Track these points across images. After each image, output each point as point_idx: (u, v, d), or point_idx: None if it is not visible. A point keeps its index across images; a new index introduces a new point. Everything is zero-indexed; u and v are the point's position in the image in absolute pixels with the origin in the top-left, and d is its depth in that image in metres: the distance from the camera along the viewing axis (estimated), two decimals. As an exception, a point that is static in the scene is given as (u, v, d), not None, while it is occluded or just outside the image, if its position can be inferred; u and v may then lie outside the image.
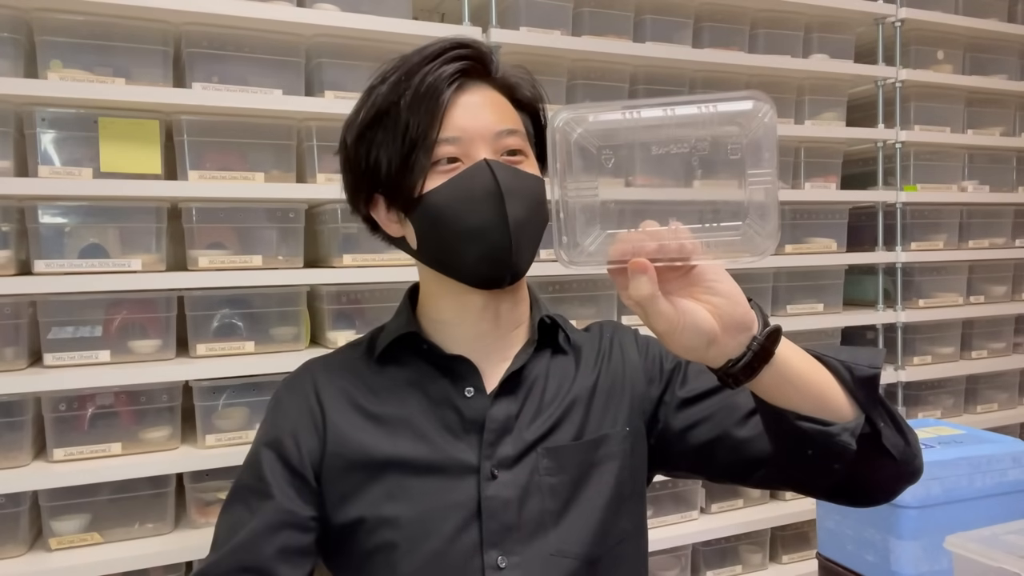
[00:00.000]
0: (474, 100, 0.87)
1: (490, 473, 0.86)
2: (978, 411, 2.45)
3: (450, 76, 0.86)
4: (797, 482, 0.87)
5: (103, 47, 1.52)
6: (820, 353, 0.78)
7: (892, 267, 2.30)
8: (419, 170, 0.84)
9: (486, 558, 0.84)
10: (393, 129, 0.85)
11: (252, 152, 1.64)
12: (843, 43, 2.28)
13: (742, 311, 0.67)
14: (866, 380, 0.77)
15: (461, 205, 0.84)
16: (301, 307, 1.67)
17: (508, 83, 0.92)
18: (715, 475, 0.97)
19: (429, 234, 0.87)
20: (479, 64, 0.89)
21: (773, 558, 2.11)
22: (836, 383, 0.77)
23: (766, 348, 0.69)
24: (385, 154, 0.86)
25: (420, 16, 1.94)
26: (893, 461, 0.79)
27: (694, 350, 0.67)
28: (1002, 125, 2.54)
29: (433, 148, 0.84)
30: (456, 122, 0.85)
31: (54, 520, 1.46)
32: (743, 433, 0.88)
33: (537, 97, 0.95)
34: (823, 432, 0.75)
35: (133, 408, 1.52)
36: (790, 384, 0.73)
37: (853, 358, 0.78)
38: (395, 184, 0.86)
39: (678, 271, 0.65)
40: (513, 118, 0.90)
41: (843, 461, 0.75)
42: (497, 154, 0.86)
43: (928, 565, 1.36)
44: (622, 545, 0.91)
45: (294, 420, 0.91)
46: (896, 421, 0.80)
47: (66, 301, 1.47)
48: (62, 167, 1.48)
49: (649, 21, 2.00)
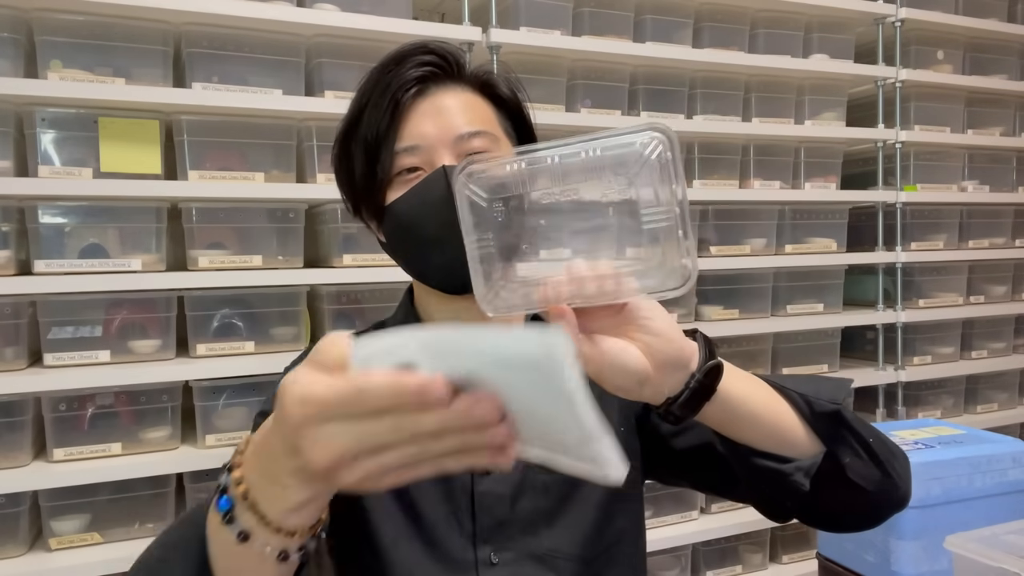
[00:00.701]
0: (435, 105, 0.85)
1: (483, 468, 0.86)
2: (978, 411, 2.45)
3: (409, 83, 0.84)
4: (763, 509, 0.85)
5: (103, 47, 1.52)
6: (780, 384, 0.76)
7: (892, 267, 2.30)
8: (381, 181, 0.85)
9: (479, 553, 0.84)
10: (361, 140, 0.85)
11: (252, 152, 1.64)
12: (843, 43, 2.28)
13: (675, 348, 0.63)
14: (826, 415, 0.75)
15: (419, 214, 0.83)
16: (301, 307, 1.67)
17: (481, 81, 0.90)
18: (699, 485, 0.96)
19: (396, 243, 0.88)
20: (445, 65, 0.87)
21: (773, 558, 2.11)
22: (796, 416, 0.75)
23: (706, 385, 0.66)
24: (356, 165, 0.87)
25: (420, 16, 1.94)
26: (865, 492, 0.77)
27: (625, 390, 0.63)
28: (1002, 125, 2.54)
29: (394, 158, 0.84)
30: (415, 130, 0.84)
31: (54, 520, 1.46)
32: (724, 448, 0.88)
33: (516, 92, 0.92)
34: (776, 471, 0.74)
35: (133, 408, 1.52)
36: (741, 419, 0.72)
37: (815, 391, 0.76)
38: (363, 194, 0.87)
39: (609, 309, 0.62)
40: (482, 118, 0.87)
41: (797, 499, 0.75)
42: (460, 158, 0.84)
43: (928, 565, 1.36)
44: (618, 545, 0.90)
45: None
46: (871, 450, 0.77)
47: (66, 301, 1.47)
48: (62, 167, 1.48)
49: (649, 21, 2.00)
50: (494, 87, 0.91)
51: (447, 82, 0.88)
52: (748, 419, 0.72)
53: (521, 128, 0.93)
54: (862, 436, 0.77)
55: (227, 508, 0.55)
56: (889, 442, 0.80)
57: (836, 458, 0.76)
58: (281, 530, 0.54)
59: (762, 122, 2.14)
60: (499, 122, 0.90)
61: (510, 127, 0.92)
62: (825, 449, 0.76)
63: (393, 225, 0.87)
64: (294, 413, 0.45)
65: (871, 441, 0.77)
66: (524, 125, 0.94)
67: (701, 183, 2.08)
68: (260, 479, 0.53)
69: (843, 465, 0.75)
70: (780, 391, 0.75)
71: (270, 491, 0.53)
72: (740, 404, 0.70)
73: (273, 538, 0.54)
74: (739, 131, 2.10)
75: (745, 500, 0.88)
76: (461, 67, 0.89)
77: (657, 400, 0.66)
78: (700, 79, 2.08)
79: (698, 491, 1.07)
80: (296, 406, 0.45)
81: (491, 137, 0.86)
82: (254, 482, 0.54)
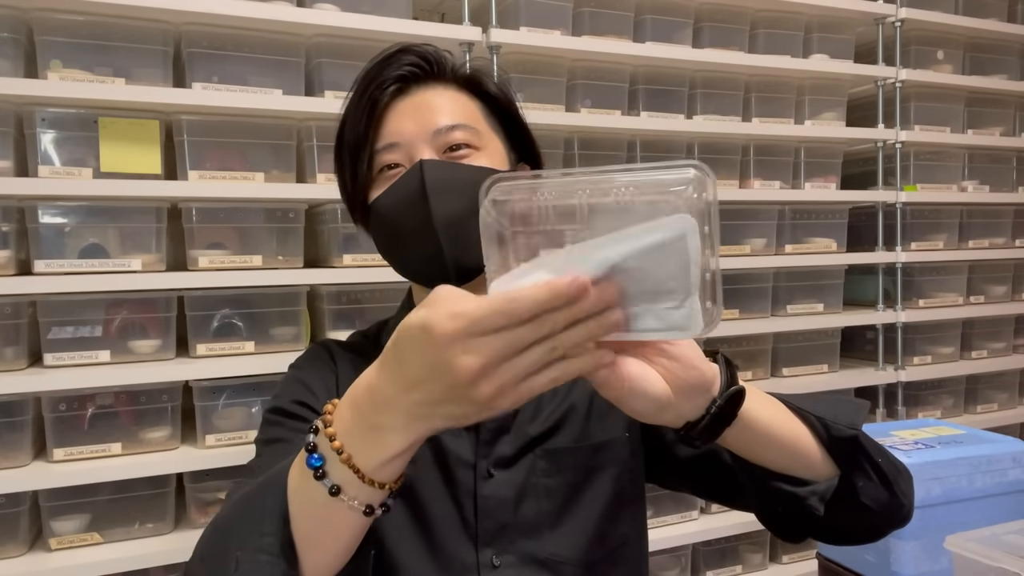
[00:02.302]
0: (415, 103, 0.86)
1: (487, 472, 0.86)
2: (978, 411, 2.45)
3: (388, 81, 0.85)
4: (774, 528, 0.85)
5: (103, 47, 1.52)
6: (798, 406, 0.76)
7: (892, 267, 2.30)
8: (363, 179, 0.86)
9: (480, 556, 0.84)
10: (347, 144, 0.87)
11: (252, 152, 1.64)
12: (843, 43, 2.28)
13: (696, 375, 0.62)
14: (844, 440, 0.75)
15: (396, 210, 0.84)
16: (301, 307, 1.67)
17: (465, 78, 0.90)
18: (702, 493, 0.96)
19: (380, 240, 0.90)
20: (426, 66, 0.88)
21: (773, 558, 2.11)
22: (813, 439, 0.75)
23: (727, 411, 0.65)
24: (345, 169, 0.88)
25: (420, 16, 1.94)
26: (871, 512, 0.78)
27: (645, 415, 0.62)
28: (1002, 125, 2.54)
29: (375, 156, 0.85)
30: (394, 127, 0.85)
31: (54, 520, 1.46)
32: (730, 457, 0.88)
33: (502, 88, 0.92)
34: (792, 494, 0.74)
35: (133, 408, 1.52)
36: (759, 443, 0.72)
37: (832, 414, 0.76)
38: (351, 196, 0.89)
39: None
40: (464, 113, 0.87)
41: (811, 523, 0.75)
42: (440, 152, 0.85)
43: (928, 565, 1.36)
44: (621, 549, 0.90)
45: (315, 376, 0.91)
46: (881, 472, 0.78)
47: (66, 301, 1.47)
48: (62, 167, 1.48)
49: (649, 21, 2.00)
50: (479, 83, 0.91)
51: (429, 81, 0.88)
52: (766, 442, 0.72)
53: (511, 125, 0.93)
54: (874, 459, 0.77)
55: (319, 464, 0.59)
56: (895, 460, 0.81)
57: (849, 480, 0.76)
58: (373, 482, 0.58)
59: (762, 122, 2.14)
60: (484, 118, 0.90)
61: (498, 123, 0.92)
62: (840, 473, 0.76)
63: (376, 224, 0.88)
64: (445, 328, 0.51)
65: (880, 462, 0.77)
66: (514, 121, 0.93)
67: (701, 183, 2.08)
68: (357, 432, 0.58)
69: (856, 488, 0.76)
70: (798, 413, 0.75)
71: (367, 442, 0.57)
72: (759, 428, 0.70)
73: (364, 491, 0.58)
74: (739, 131, 2.10)
75: (747, 510, 0.88)
76: (442, 66, 0.89)
77: (677, 424, 0.65)
78: (700, 79, 2.08)
79: (699, 497, 1.08)
80: (446, 321, 0.51)
81: (472, 131, 0.86)
82: (349, 436, 0.58)
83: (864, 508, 0.77)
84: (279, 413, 0.87)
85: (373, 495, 0.59)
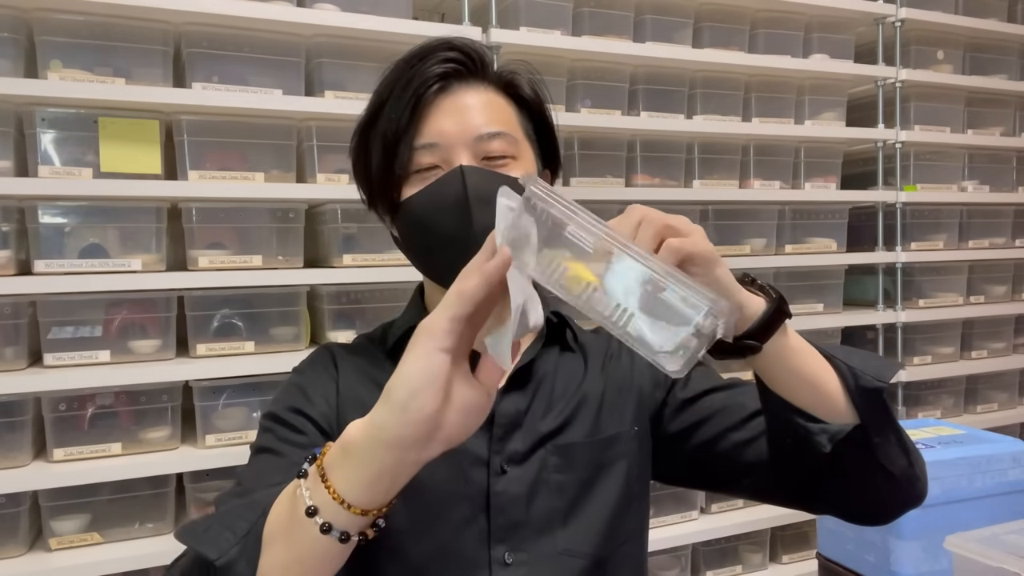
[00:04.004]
0: (458, 103, 0.85)
1: (500, 468, 0.85)
2: (978, 411, 2.45)
3: (432, 79, 0.84)
4: (782, 486, 0.85)
5: (103, 47, 1.52)
6: (831, 354, 0.78)
7: (892, 267, 2.30)
8: (398, 176, 0.85)
9: (493, 553, 0.83)
10: (380, 133, 0.85)
11: (252, 152, 1.64)
12: (843, 43, 2.28)
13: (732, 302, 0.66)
14: (869, 391, 0.76)
15: (433, 213, 0.83)
16: (301, 307, 1.67)
17: (505, 80, 0.90)
18: (708, 480, 0.96)
19: (408, 239, 0.89)
20: (469, 63, 0.87)
21: (773, 558, 2.11)
22: (840, 385, 0.76)
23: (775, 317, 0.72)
24: (374, 158, 0.87)
25: (420, 16, 1.94)
26: (890, 478, 0.78)
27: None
28: (1002, 125, 2.54)
29: (413, 154, 0.84)
30: (435, 127, 0.84)
31: (54, 520, 1.46)
32: (740, 436, 0.88)
33: (537, 92, 0.93)
34: (803, 427, 0.75)
35: (133, 408, 1.52)
36: (790, 372, 0.75)
37: (863, 365, 0.77)
38: (379, 188, 0.87)
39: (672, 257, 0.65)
40: (503, 119, 0.87)
41: (815, 460, 0.76)
42: (478, 158, 0.84)
43: (928, 565, 1.36)
44: (628, 544, 0.91)
45: (314, 382, 0.91)
46: (900, 436, 0.78)
47: (66, 301, 1.47)
48: (62, 167, 1.48)
49: (649, 21, 2.00)
50: (517, 87, 0.91)
51: (470, 80, 0.88)
52: (796, 374, 0.75)
53: (542, 129, 0.94)
54: (895, 422, 0.78)
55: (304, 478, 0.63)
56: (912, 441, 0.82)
57: (867, 436, 0.76)
58: (351, 507, 0.60)
59: (762, 122, 2.14)
60: (520, 123, 0.90)
61: (531, 128, 0.92)
62: (857, 423, 0.76)
63: (407, 222, 0.87)
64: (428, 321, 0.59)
65: (901, 429, 0.79)
66: (545, 127, 0.94)
67: (701, 183, 2.08)
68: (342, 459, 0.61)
69: (873, 444, 0.76)
70: (829, 359, 0.77)
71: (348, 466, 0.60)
72: (793, 356, 0.74)
73: (341, 515, 0.60)
74: (739, 131, 2.10)
75: (759, 489, 0.88)
76: (485, 65, 0.89)
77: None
78: (700, 79, 2.08)
79: (700, 489, 1.08)
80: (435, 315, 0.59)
81: (511, 139, 0.87)
82: (333, 461, 0.61)
83: (880, 470, 0.77)
84: (272, 419, 0.87)
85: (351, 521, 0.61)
